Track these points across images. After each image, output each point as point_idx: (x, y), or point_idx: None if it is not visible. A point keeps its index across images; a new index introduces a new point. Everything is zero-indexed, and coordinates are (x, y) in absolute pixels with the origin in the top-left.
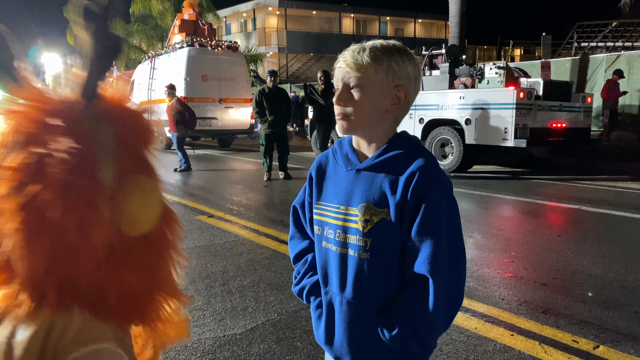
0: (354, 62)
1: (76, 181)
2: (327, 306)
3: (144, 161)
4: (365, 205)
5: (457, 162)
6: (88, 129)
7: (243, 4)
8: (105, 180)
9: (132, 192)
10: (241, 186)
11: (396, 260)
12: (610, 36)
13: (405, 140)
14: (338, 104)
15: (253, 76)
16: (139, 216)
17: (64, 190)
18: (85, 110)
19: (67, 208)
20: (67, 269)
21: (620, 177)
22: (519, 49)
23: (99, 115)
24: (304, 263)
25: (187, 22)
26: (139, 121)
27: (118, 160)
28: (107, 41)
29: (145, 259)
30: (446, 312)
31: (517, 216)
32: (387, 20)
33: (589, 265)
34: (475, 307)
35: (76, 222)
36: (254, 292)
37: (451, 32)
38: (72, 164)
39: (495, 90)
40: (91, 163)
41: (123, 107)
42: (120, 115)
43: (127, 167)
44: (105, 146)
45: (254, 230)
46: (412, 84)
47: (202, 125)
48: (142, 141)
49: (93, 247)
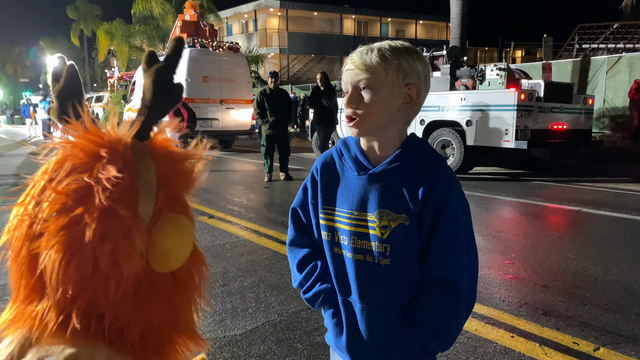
0: (362, 63)
1: (116, 210)
2: (347, 314)
3: (183, 202)
4: (382, 210)
5: (458, 164)
6: (133, 163)
7: (244, 5)
8: (144, 214)
9: (168, 228)
10: (242, 187)
11: (415, 264)
12: (611, 38)
13: (418, 144)
14: (349, 107)
15: (254, 77)
16: (170, 253)
17: (103, 218)
18: (133, 146)
19: (104, 235)
20: (95, 295)
21: (621, 178)
22: (520, 50)
23: (145, 153)
24: (314, 269)
25: (188, 23)
26: (182, 165)
27: (158, 197)
28: (167, 87)
29: (171, 298)
30: (467, 309)
31: (517, 218)
32: (388, 21)
33: (589, 267)
34: (476, 309)
35: (110, 250)
36: (254, 293)
37: (452, 34)
38: (114, 193)
39: (496, 92)
40: (132, 195)
41: (170, 150)
42: (165, 156)
43: (166, 205)
44: (148, 182)
45: (254, 231)
46: (423, 82)
47: (203, 126)
48: (183, 184)
49: (122, 277)
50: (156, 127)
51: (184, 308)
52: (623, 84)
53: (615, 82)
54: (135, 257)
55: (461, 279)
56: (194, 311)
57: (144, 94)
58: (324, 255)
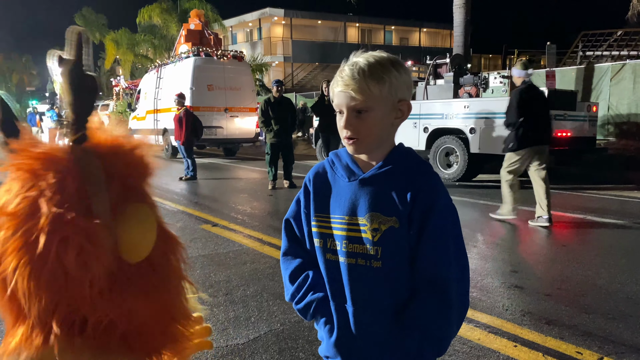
0: (358, 87)
1: (68, 216)
2: (340, 319)
3: (139, 190)
4: (372, 214)
5: (461, 171)
6: (74, 166)
7: (249, 14)
8: (101, 212)
9: (127, 219)
10: (246, 195)
11: (406, 267)
12: (615, 45)
13: (405, 151)
14: (348, 129)
15: (259, 85)
16: (136, 242)
17: (57, 225)
18: (73, 151)
19: (64, 242)
20: (72, 302)
21: (626, 186)
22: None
23: (87, 154)
24: (305, 279)
25: (193, 32)
26: (131, 156)
27: (112, 192)
28: (80, 82)
29: (152, 286)
30: (458, 317)
31: (521, 225)
32: (392, 29)
33: (593, 276)
34: (478, 318)
35: (75, 255)
36: (257, 302)
37: (456, 41)
38: (61, 199)
39: (500, 100)
40: (81, 197)
41: (115, 144)
42: (111, 151)
43: (122, 198)
44: (96, 181)
45: (258, 239)
46: (410, 92)
47: (208, 134)
48: (136, 173)
49: (94, 277)
50: (86, 124)
51: (170, 294)
52: (627, 91)
53: (620, 89)
54: (102, 255)
55: (449, 280)
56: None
57: (64, 98)
58: (317, 265)
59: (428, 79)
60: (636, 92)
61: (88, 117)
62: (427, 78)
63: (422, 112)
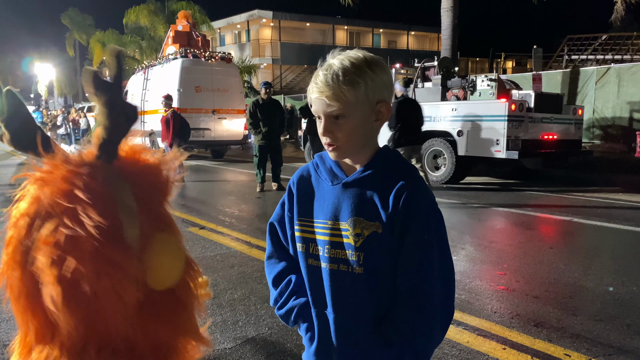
0: (332, 94)
1: (106, 250)
2: (321, 326)
3: (165, 217)
4: (355, 219)
5: (449, 174)
6: (111, 197)
7: (237, 16)
8: (131, 241)
9: (158, 251)
10: (234, 197)
11: (388, 272)
12: (600, 49)
13: (389, 154)
14: (327, 136)
15: (247, 87)
16: (165, 273)
17: (95, 260)
18: (104, 174)
19: (99, 275)
20: (104, 328)
21: (611, 188)
22: (511, 61)
23: (118, 177)
24: (288, 284)
25: (181, 33)
26: (156, 177)
27: (141, 219)
28: (122, 109)
29: (172, 310)
30: (441, 323)
31: (509, 228)
32: (380, 32)
33: (580, 278)
34: (467, 321)
35: (108, 286)
36: (244, 306)
37: (443, 45)
38: (100, 234)
39: (487, 103)
40: (117, 229)
41: (140, 164)
42: (137, 173)
43: (151, 226)
44: (128, 208)
45: (245, 242)
46: (388, 91)
47: (196, 136)
48: (160, 195)
49: (125, 305)
50: (119, 145)
51: (188, 316)
52: (612, 95)
53: (605, 93)
54: (132, 284)
55: (431, 288)
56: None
57: (100, 118)
58: (300, 269)
59: (416, 81)
60: (621, 95)
61: (120, 141)
62: (415, 81)
63: None
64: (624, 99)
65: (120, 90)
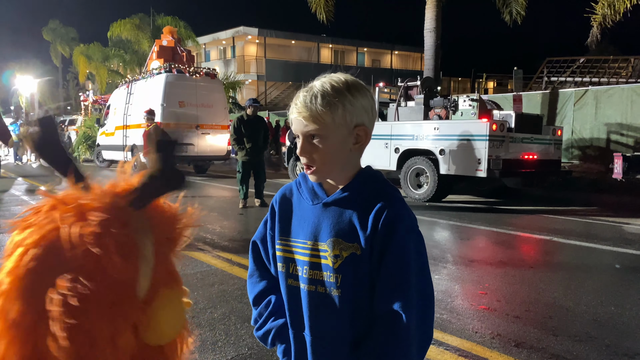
0: (310, 115)
1: (120, 301)
2: (298, 348)
3: (173, 271)
4: (334, 240)
5: (431, 192)
6: (137, 246)
7: (223, 32)
8: (140, 292)
9: (163, 307)
10: (216, 214)
11: (367, 296)
12: (578, 72)
13: (371, 175)
14: (304, 156)
15: (231, 103)
16: (164, 329)
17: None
18: (136, 223)
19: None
20: None
21: (589, 208)
22: (492, 81)
23: (145, 226)
24: (267, 305)
25: (165, 48)
26: (173, 228)
27: (154, 271)
28: (172, 174)
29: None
30: (418, 348)
31: (490, 247)
32: (364, 51)
33: (560, 297)
34: (448, 341)
35: (107, 335)
36: (224, 325)
37: (426, 64)
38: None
39: (469, 122)
40: (135, 281)
41: (164, 214)
42: (160, 222)
43: (159, 279)
44: (147, 259)
45: (226, 259)
46: (369, 115)
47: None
48: (172, 247)
49: (119, 358)
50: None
51: None
52: (590, 116)
53: (583, 114)
54: (130, 336)
55: (409, 312)
56: None
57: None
58: (280, 289)
59: (399, 100)
60: (598, 117)
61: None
62: (399, 100)
63: (393, 133)
64: (602, 121)
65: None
